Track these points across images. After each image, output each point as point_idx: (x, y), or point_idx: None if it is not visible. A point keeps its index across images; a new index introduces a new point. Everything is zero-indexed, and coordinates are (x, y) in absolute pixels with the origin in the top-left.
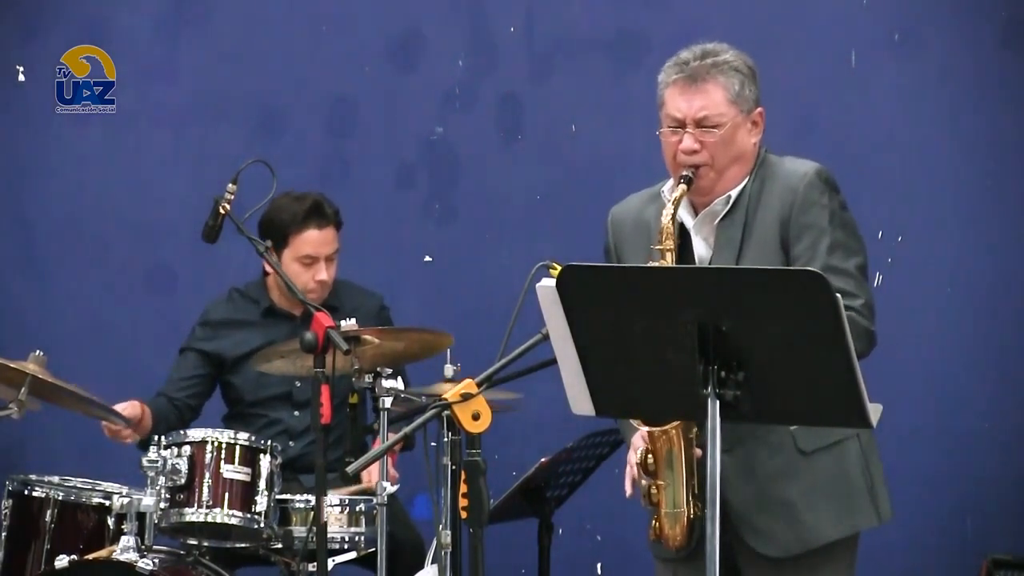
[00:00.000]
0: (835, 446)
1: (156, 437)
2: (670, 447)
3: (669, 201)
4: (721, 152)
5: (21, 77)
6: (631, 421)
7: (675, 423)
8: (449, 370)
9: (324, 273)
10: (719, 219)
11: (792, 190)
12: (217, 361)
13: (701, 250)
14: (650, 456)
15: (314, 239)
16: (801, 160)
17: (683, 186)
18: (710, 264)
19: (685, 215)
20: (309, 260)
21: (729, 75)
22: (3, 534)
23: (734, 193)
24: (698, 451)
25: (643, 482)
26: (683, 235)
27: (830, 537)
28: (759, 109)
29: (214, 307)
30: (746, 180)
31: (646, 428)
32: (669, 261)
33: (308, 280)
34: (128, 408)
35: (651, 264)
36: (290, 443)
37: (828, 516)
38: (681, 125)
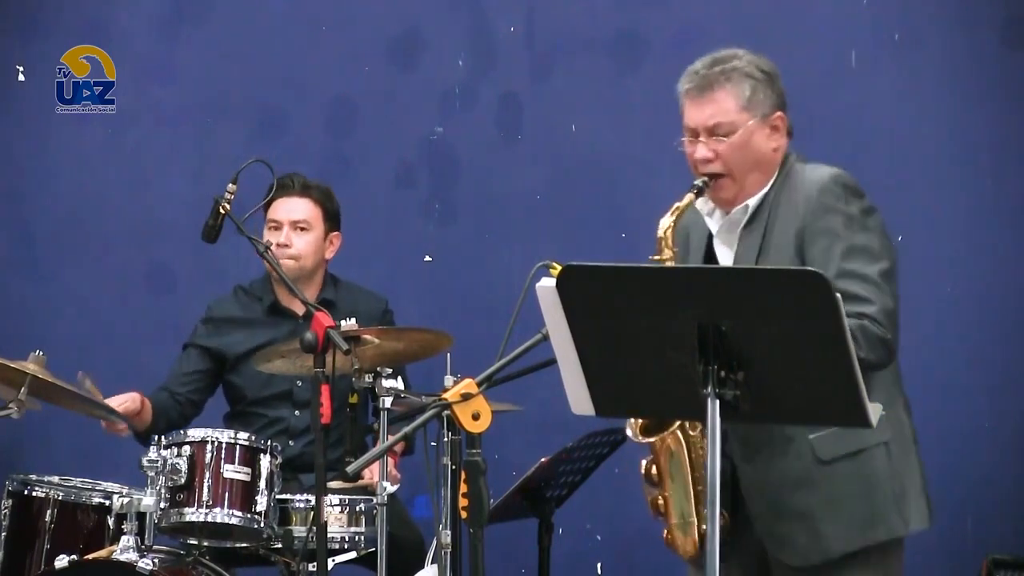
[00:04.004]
0: (858, 454)
1: (156, 437)
2: (671, 456)
3: (669, 212)
4: (736, 160)
5: (21, 77)
6: (628, 433)
7: (668, 431)
8: (449, 382)
9: (283, 237)
10: (741, 227)
11: (807, 198)
12: (219, 358)
13: (724, 257)
14: (654, 467)
15: (278, 206)
16: (823, 167)
17: (690, 195)
18: None
19: (713, 223)
20: (273, 224)
21: (738, 81)
22: (3, 534)
23: (752, 202)
24: None
25: (650, 493)
26: (710, 242)
27: (850, 547)
28: (778, 114)
29: (217, 304)
30: (768, 187)
31: (642, 439)
32: None
33: (271, 244)
34: (128, 401)
35: (651, 264)
36: (290, 443)
37: (848, 526)
38: (695, 135)
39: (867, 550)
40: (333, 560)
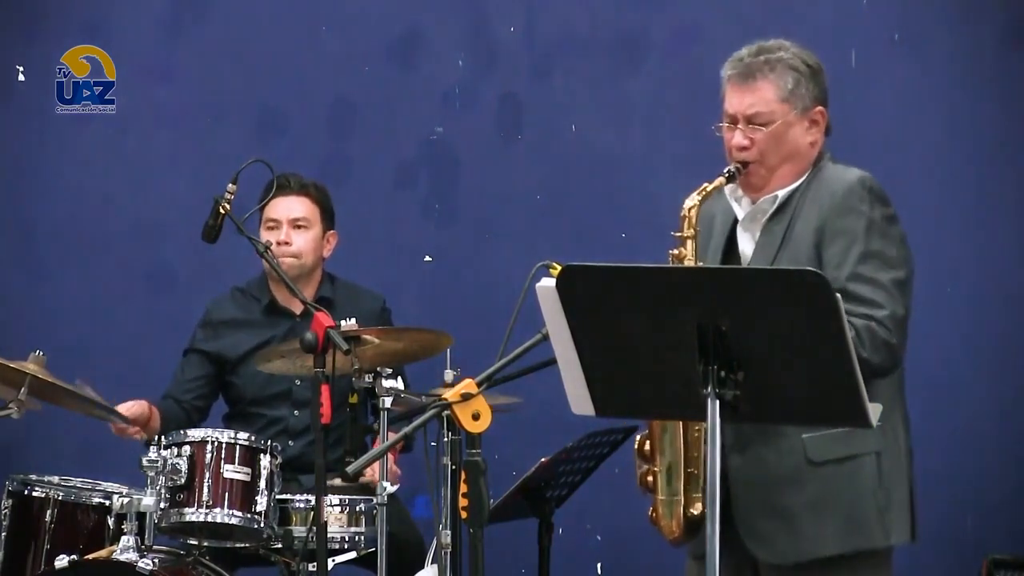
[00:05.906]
0: (849, 460)
1: (156, 437)
2: (665, 432)
3: (697, 191)
4: (771, 150)
5: (21, 77)
6: None
7: None
8: (449, 375)
9: (283, 235)
10: (767, 218)
11: (831, 195)
12: (219, 361)
13: (746, 246)
14: (647, 442)
15: (276, 205)
16: (853, 169)
17: (721, 178)
18: (750, 262)
19: (739, 209)
20: (272, 223)
21: (781, 72)
22: (3, 534)
23: (782, 193)
24: None
25: (640, 468)
26: (733, 229)
27: (827, 552)
28: (818, 108)
29: (215, 307)
30: (799, 181)
31: None
32: (688, 249)
33: (271, 244)
34: (134, 407)
35: (651, 264)
36: (289, 443)
37: (829, 530)
38: (734, 121)
39: (850, 557)
40: (333, 560)
